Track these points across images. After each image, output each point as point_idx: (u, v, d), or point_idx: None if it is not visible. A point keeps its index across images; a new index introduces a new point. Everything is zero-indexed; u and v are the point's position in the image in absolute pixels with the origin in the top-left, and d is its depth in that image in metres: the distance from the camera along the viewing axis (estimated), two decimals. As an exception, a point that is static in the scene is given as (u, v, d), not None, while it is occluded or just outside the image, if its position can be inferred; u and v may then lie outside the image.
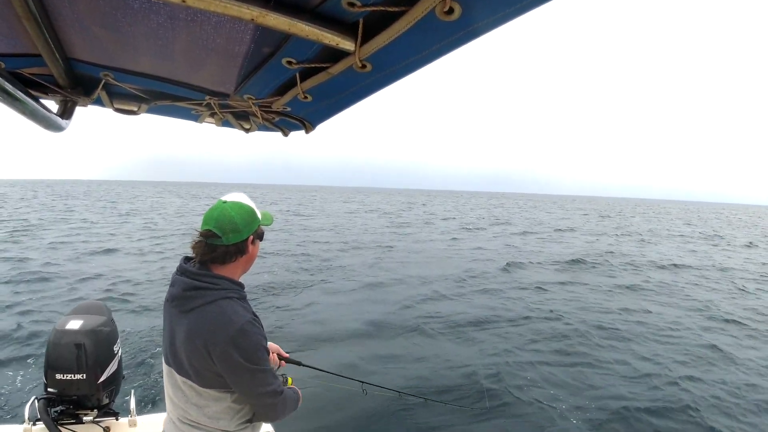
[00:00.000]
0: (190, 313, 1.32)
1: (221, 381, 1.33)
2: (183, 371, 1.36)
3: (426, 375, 5.19)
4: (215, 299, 1.32)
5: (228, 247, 1.35)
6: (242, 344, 1.28)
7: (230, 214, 1.34)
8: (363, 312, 7.71)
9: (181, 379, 1.37)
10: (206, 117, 1.56)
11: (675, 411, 4.60)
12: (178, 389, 1.40)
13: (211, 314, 1.30)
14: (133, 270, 10.59)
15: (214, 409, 1.37)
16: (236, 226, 1.34)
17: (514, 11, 0.64)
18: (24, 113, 1.07)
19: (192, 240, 1.39)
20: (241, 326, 1.28)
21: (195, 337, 1.29)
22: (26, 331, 6.08)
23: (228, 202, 1.38)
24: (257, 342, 1.32)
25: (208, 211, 1.37)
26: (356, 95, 1.07)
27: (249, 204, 1.41)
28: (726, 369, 5.80)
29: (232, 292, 1.36)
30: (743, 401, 4.90)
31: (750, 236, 28.37)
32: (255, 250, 1.46)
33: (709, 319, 8.17)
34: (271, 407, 1.40)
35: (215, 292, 1.33)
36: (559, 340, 6.57)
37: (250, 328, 1.30)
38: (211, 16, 0.81)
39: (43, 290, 8.50)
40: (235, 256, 1.38)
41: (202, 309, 1.31)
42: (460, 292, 9.37)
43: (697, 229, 32.27)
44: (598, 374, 5.41)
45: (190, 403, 1.38)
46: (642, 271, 13.02)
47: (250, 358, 1.30)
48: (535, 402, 4.64)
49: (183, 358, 1.33)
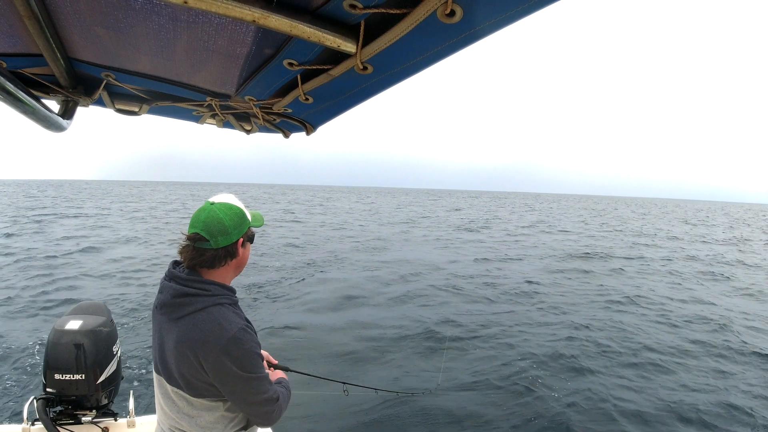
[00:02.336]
0: (180, 320, 1.27)
1: (213, 390, 1.29)
2: (173, 380, 1.31)
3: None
4: (206, 306, 1.27)
5: (217, 250, 1.30)
6: (235, 353, 1.23)
7: (218, 215, 1.29)
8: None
9: (171, 389, 1.33)
10: (207, 118, 1.56)
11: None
12: (168, 399, 1.36)
13: (202, 322, 1.25)
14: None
15: (206, 419, 1.33)
16: (225, 229, 1.29)
17: (516, 13, 0.63)
18: (25, 113, 1.07)
19: (179, 244, 1.33)
20: (233, 335, 1.23)
21: (185, 347, 1.24)
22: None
23: (216, 203, 1.33)
24: (250, 349, 1.27)
25: (195, 213, 1.32)
26: (357, 97, 1.07)
27: (238, 205, 1.36)
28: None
29: (223, 298, 1.31)
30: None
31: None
32: (246, 252, 1.41)
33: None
34: (267, 414, 1.36)
35: (206, 298, 1.27)
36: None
37: (242, 336, 1.25)
38: (213, 17, 0.81)
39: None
40: (224, 260, 1.33)
41: (192, 317, 1.26)
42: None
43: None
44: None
45: (182, 413, 1.33)
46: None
47: (243, 367, 1.25)
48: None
49: (173, 367, 1.29)
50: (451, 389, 4.99)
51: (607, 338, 6.80)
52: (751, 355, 6.40)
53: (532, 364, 5.68)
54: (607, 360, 5.96)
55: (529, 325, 7.37)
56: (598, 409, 4.64)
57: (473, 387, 5.09)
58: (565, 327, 7.29)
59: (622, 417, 4.50)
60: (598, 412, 4.60)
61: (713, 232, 30.31)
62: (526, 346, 6.36)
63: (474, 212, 42.91)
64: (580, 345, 6.45)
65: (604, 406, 4.69)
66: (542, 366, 5.66)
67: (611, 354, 6.18)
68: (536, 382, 5.18)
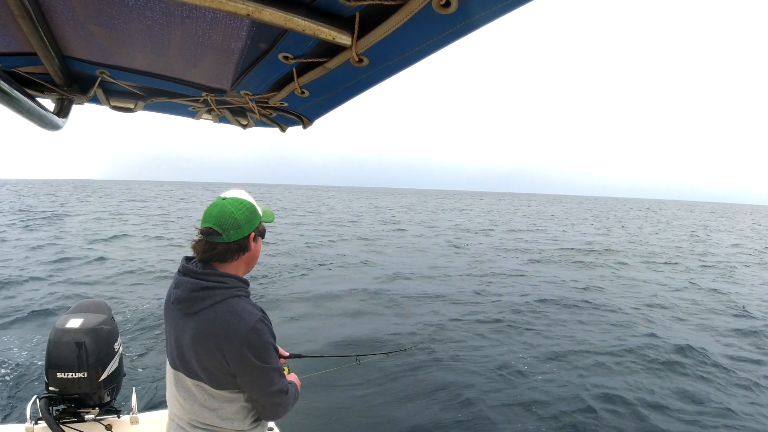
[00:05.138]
0: (198, 314, 1.29)
1: (234, 382, 1.32)
2: (194, 374, 1.33)
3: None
4: (224, 298, 1.29)
5: (229, 244, 1.32)
6: (255, 343, 1.26)
7: (230, 210, 1.31)
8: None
9: (192, 383, 1.34)
10: (203, 113, 1.55)
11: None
12: (188, 393, 1.36)
13: (222, 314, 1.27)
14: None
15: (228, 411, 1.35)
16: (237, 223, 1.31)
17: (512, 3, 0.63)
18: (20, 112, 1.07)
19: (192, 239, 1.36)
20: (253, 325, 1.26)
21: (206, 339, 1.26)
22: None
23: (228, 198, 1.35)
24: (268, 341, 1.30)
25: (207, 208, 1.34)
26: (353, 90, 1.07)
27: (249, 200, 1.39)
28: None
29: (240, 290, 1.33)
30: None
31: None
32: (257, 247, 1.43)
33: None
34: (277, 406, 1.38)
35: (224, 291, 1.30)
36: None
37: (261, 327, 1.28)
38: (207, 12, 0.81)
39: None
40: (237, 254, 1.35)
41: (211, 309, 1.28)
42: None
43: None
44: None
45: (203, 406, 1.35)
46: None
47: (262, 357, 1.28)
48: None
49: (193, 361, 1.31)
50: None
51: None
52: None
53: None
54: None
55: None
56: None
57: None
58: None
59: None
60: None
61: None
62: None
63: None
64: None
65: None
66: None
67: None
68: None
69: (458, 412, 4.43)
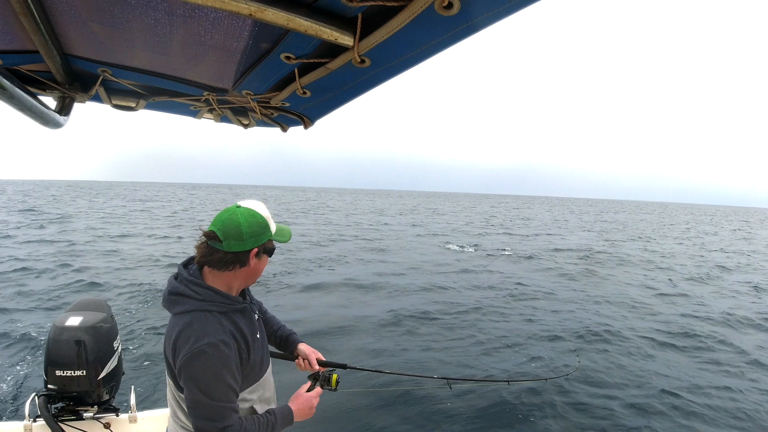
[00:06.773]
0: (172, 316, 1.31)
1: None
2: (169, 369, 1.35)
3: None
4: (191, 310, 1.26)
5: (227, 254, 1.28)
6: (195, 369, 1.19)
7: (238, 220, 1.27)
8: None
9: (167, 379, 1.38)
10: (205, 113, 1.55)
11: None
12: (168, 386, 1.41)
13: (180, 326, 1.24)
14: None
15: (182, 416, 1.36)
16: (240, 234, 1.27)
17: (515, 5, 0.63)
18: (22, 110, 1.07)
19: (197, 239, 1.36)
20: (199, 348, 1.19)
21: (167, 343, 1.28)
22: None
23: (241, 207, 1.31)
24: (214, 370, 1.20)
25: (220, 212, 1.31)
26: (355, 90, 1.07)
27: (263, 214, 1.33)
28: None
29: (212, 305, 1.28)
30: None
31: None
32: (260, 264, 1.37)
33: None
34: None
35: (194, 302, 1.27)
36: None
37: (210, 351, 1.20)
38: (209, 11, 0.81)
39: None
40: (232, 266, 1.30)
41: (179, 317, 1.28)
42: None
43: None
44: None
45: (171, 404, 1.39)
46: None
47: (200, 386, 1.20)
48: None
49: (169, 358, 1.33)
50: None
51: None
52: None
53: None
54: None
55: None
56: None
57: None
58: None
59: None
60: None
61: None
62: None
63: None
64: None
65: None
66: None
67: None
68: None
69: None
